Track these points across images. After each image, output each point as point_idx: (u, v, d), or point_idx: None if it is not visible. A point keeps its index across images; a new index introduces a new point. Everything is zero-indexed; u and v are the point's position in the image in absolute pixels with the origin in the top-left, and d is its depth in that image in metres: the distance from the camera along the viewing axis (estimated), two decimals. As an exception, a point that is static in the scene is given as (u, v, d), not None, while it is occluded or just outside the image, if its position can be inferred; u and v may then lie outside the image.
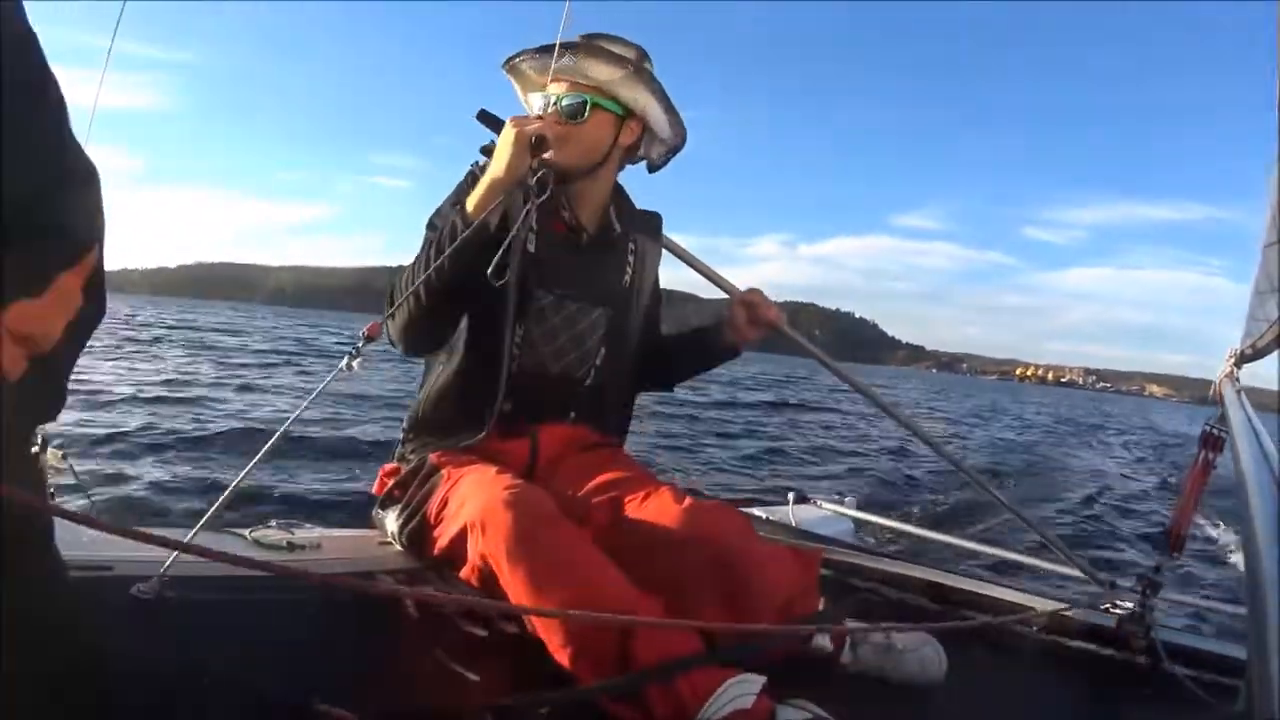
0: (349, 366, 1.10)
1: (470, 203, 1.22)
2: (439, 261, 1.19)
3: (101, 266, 0.71)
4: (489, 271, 1.17)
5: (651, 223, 1.52)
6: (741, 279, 1.50)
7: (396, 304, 1.25)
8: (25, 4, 0.63)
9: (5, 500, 0.55)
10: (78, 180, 0.68)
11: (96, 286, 0.71)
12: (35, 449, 0.81)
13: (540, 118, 1.27)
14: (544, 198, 1.25)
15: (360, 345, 1.11)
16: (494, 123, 1.43)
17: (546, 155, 1.23)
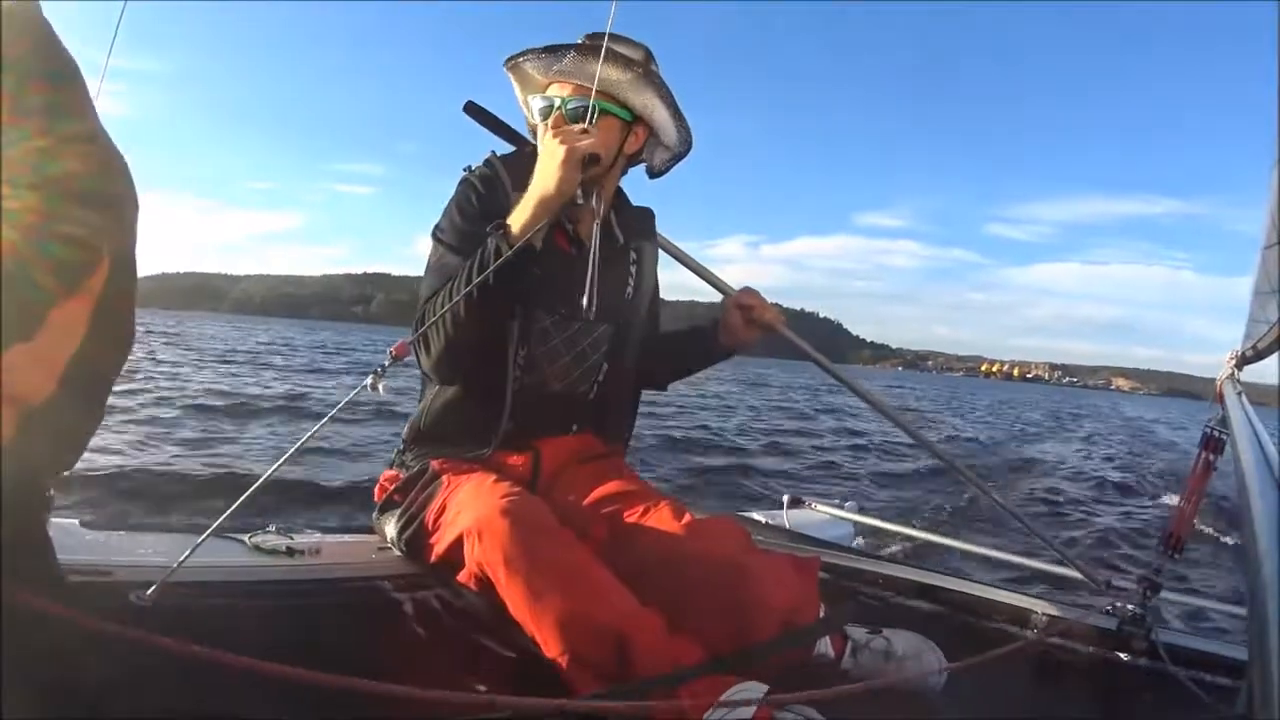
0: (374, 386, 1.05)
1: (515, 223, 1.16)
2: (478, 280, 1.13)
3: (120, 285, 0.63)
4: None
5: (645, 221, 1.48)
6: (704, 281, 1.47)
7: (427, 324, 1.19)
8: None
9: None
10: (88, 161, 0.61)
11: (111, 312, 0.62)
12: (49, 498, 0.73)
13: (585, 130, 1.20)
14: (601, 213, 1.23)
15: (386, 365, 1.06)
16: (482, 116, 1.38)
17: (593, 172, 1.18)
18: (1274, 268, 1.34)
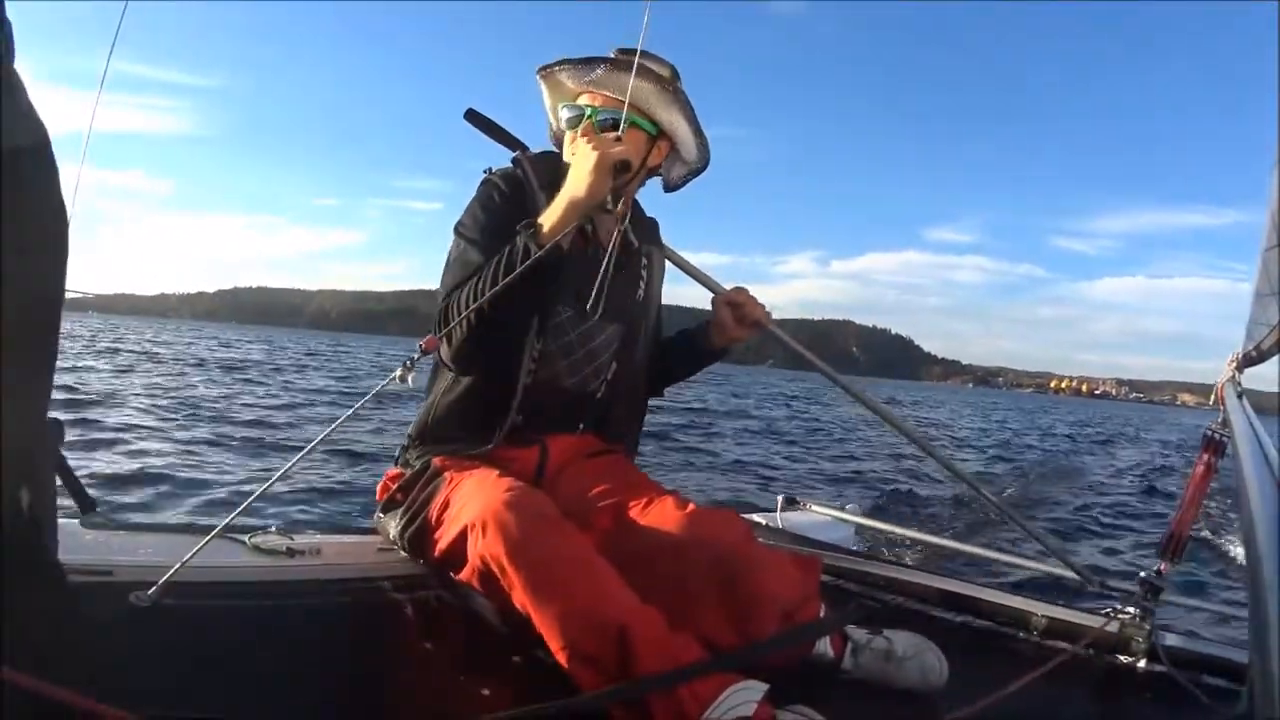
0: (402, 378, 1.08)
1: (546, 223, 1.18)
2: (507, 280, 1.14)
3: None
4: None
5: (653, 230, 1.52)
6: (775, 296, 1.51)
7: (454, 323, 1.21)
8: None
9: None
10: None
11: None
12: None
13: (619, 138, 1.23)
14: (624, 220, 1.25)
15: (416, 358, 1.08)
16: (482, 122, 1.42)
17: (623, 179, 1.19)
18: (1274, 270, 1.34)
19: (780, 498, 2.43)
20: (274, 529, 1.41)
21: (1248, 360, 1.56)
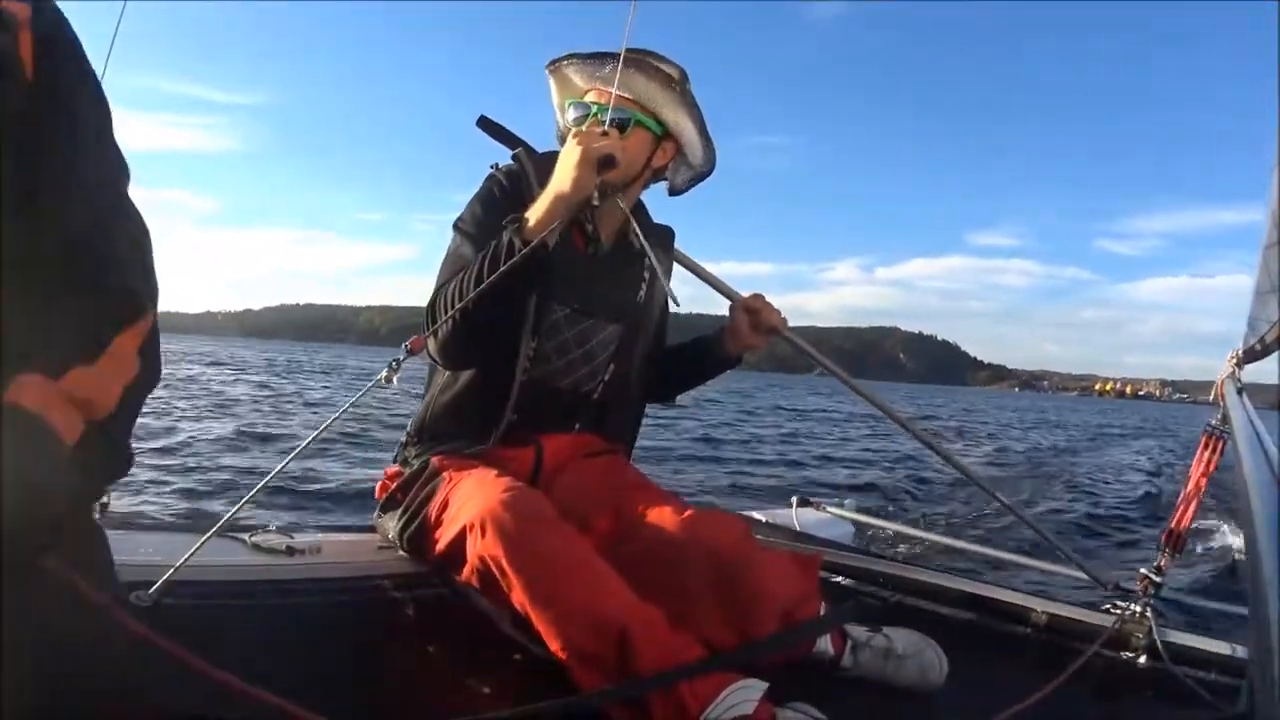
0: (388, 379, 1.07)
1: (532, 218, 1.18)
2: (493, 277, 1.14)
3: (156, 330, 0.72)
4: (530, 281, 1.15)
5: (664, 237, 1.51)
6: (820, 303, 1.51)
7: (441, 320, 1.21)
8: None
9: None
10: (134, 236, 0.71)
11: (151, 350, 0.72)
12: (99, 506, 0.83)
13: (605, 133, 1.22)
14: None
15: (401, 359, 1.08)
16: (494, 129, 1.42)
17: (610, 174, 1.19)
18: (1274, 267, 1.34)
19: (795, 498, 2.43)
20: (274, 528, 1.41)
21: (1249, 356, 1.56)
